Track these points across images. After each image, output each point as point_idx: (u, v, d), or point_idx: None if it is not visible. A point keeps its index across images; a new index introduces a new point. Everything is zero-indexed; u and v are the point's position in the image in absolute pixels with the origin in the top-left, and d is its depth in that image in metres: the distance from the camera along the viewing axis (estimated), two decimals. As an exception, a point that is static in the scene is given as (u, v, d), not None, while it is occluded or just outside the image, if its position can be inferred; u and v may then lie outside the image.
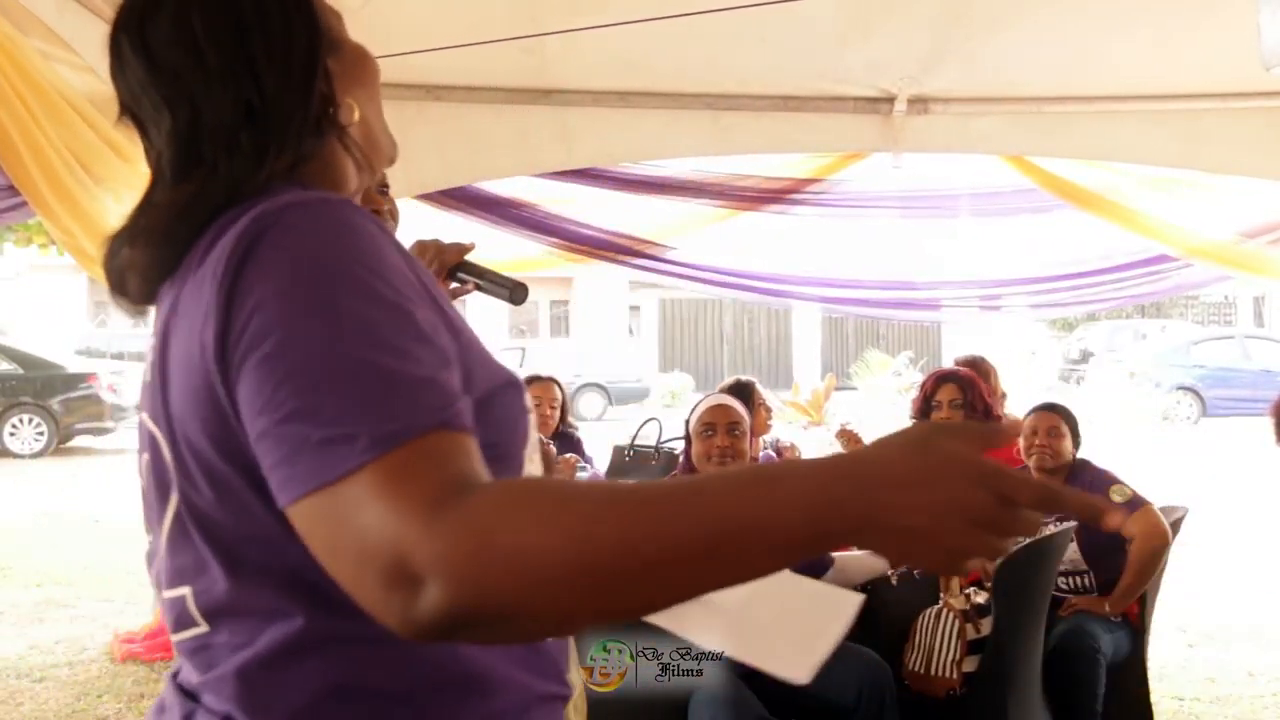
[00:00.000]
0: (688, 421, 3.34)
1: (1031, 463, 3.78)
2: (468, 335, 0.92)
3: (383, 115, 1.08)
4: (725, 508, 0.73)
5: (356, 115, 1.01)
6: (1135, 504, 3.58)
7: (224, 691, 0.90)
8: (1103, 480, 3.68)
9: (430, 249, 1.61)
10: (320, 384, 0.79)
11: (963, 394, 4.25)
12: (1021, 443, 3.86)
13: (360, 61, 1.05)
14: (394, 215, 1.91)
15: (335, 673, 0.87)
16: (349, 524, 0.76)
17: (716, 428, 3.14)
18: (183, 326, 0.89)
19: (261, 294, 0.83)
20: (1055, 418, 3.78)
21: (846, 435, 4.60)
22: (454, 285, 1.60)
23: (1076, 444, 3.80)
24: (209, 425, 0.86)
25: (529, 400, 1.00)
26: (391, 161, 1.10)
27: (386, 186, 1.75)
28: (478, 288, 1.62)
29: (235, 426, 0.84)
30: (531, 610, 0.74)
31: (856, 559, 3.18)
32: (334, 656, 0.86)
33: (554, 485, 0.82)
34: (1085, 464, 3.78)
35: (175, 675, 0.97)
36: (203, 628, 0.91)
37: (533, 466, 1.00)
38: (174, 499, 0.92)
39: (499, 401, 0.93)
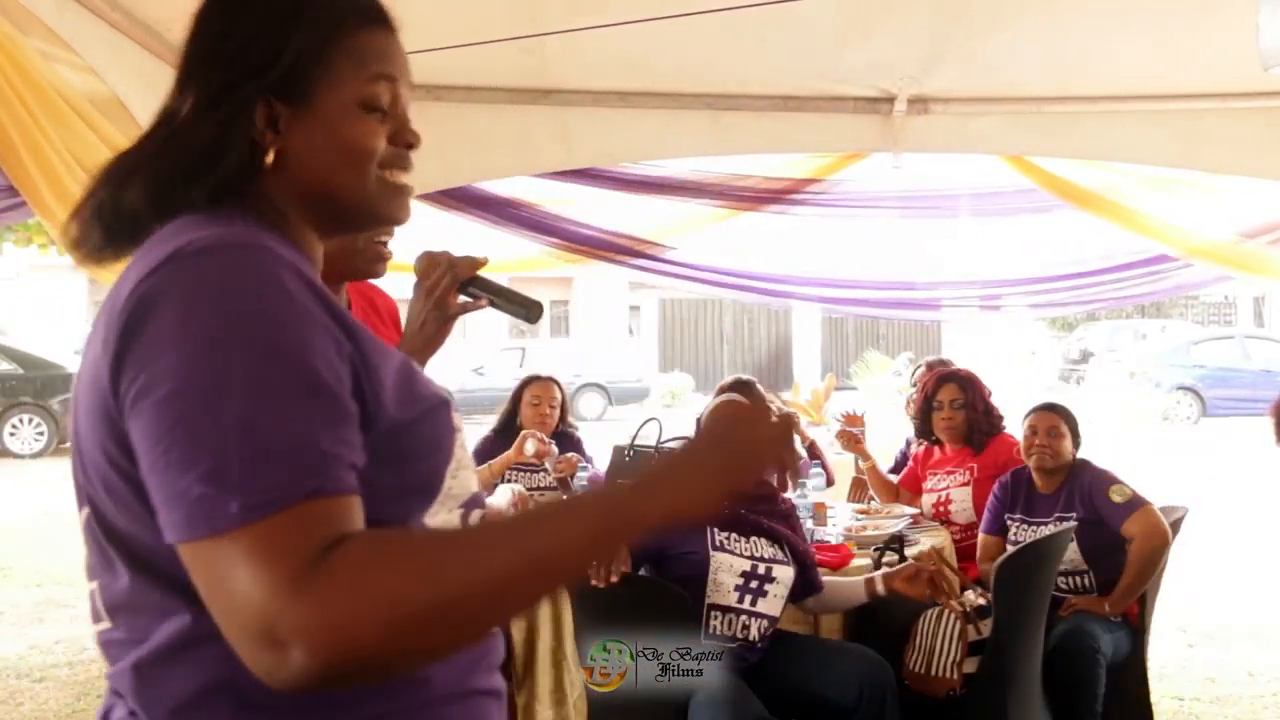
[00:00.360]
0: (699, 420, 3.37)
1: (1031, 462, 3.78)
2: (389, 367, 0.96)
3: (354, 170, 1.06)
4: (538, 536, 0.90)
5: (269, 158, 1.02)
6: (1135, 504, 3.58)
7: (123, 684, 0.95)
8: (1103, 480, 3.68)
9: (441, 262, 1.58)
10: (203, 440, 0.84)
11: (963, 393, 4.25)
12: (1021, 442, 3.85)
13: (340, 123, 1.04)
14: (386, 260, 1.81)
15: (220, 669, 0.91)
16: (220, 580, 0.83)
17: None
18: (95, 342, 0.94)
19: (157, 339, 0.87)
20: (1055, 418, 3.78)
21: (846, 435, 4.60)
22: (464, 300, 1.57)
23: (1076, 444, 3.79)
24: (106, 445, 0.91)
25: (458, 420, 1.04)
26: (379, 219, 1.11)
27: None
28: (491, 304, 1.58)
29: (129, 451, 0.89)
30: (398, 653, 0.84)
31: (838, 586, 3.22)
32: (218, 653, 0.88)
33: (400, 539, 0.90)
34: (1085, 464, 3.77)
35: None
36: (106, 623, 0.97)
37: (458, 482, 1.04)
38: (86, 501, 0.97)
39: (426, 422, 1.00)
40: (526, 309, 1.58)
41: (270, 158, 1.03)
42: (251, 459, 0.83)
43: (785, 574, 3.11)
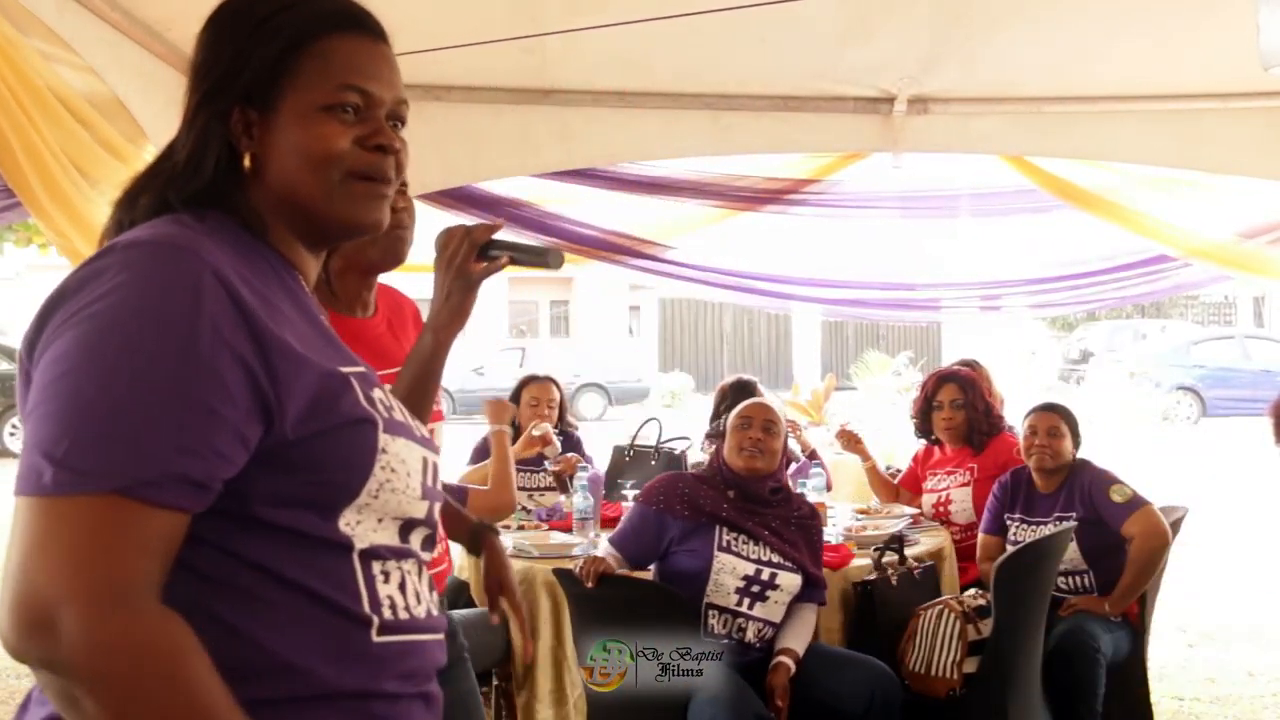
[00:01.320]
0: (724, 419, 3.40)
1: (1031, 462, 3.78)
2: (304, 378, 0.99)
3: (316, 172, 1.09)
4: None
5: (247, 163, 1.09)
6: (1135, 504, 3.58)
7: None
8: (1103, 480, 3.68)
9: (458, 233, 1.61)
10: (55, 410, 0.90)
11: (963, 394, 4.25)
12: (1021, 442, 3.85)
13: (301, 126, 1.07)
14: (409, 214, 1.90)
15: None
16: (17, 538, 0.89)
17: (753, 421, 3.22)
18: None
19: (65, 320, 0.93)
20: (1055, 418, 3.78)
21: (846, 435, 4.60)
22: (485, 264, 1.60)
23: (1077, 444, 3.79)
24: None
25: (384, 442, 1.05)
26: (347, 225, 1.13)
27: (404, 184, 1.77)
28: (513, 261, 1.61)
29: None
30: (105, 711, 0.88)
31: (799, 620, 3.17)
32: None
33: (194, 681, 0.90)
34: (1085, 464, 3.77)
35: None
36: None
37: (381, 502, 1.05)
38: None
39: (344, 435, 1.02)
40: (545, 257, 1.61)
41: (248, 162, 1.08)
42: (86, 438, 0.89)
43: (790, 581, 3.09)
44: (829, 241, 5.25)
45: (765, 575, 3.05)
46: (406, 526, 1.09)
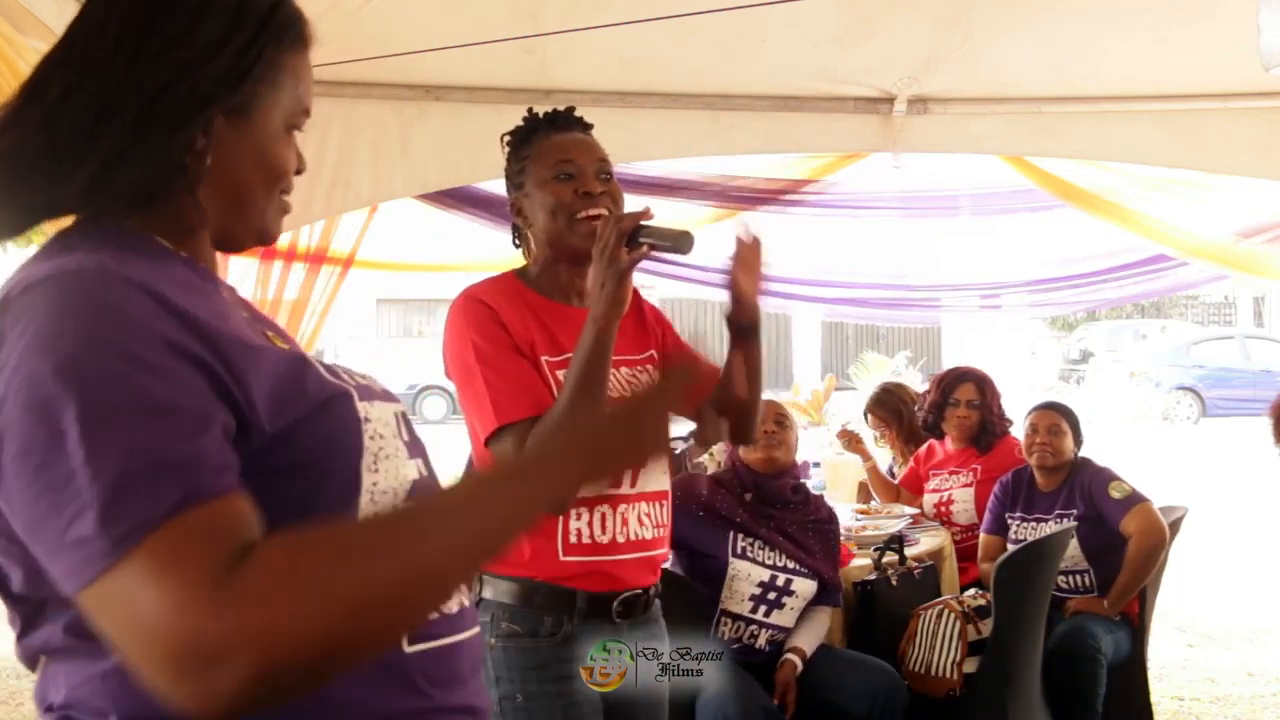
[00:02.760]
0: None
1: (1033, 460, 3.78)
2: (261, 371, 0.92)
3: (268, 188, 1.04)
4: (465, 512, 0.90)
5: (207, 164, 0.97)
6: (1133, 500, 3.59)
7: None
8: (1103, 477, 3.69)
9: (609, 222, 1.70)
10: (59, 484, 0.79)
11: (981, 394, 4.22)
12: (1023, 440, 3.86)
13: (268, 145, 1.02)
14: (611, 198, 1.91)
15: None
16: (121, 618, 0.78)
17: (765, 415, 3.24)
18: None
19: (8, 377, 0.83)
20: (1056, 416, 3.79)
21: (847, 435, 4.60)
22: (632, 252, 1.68)
23: (1078, 442, 3.80)
24: None
25: (364, 410, 1.00)
26: (262, 239, 1.07)
27: (609, 173, 1.90)
28: (653, 247, 1.69)
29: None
30: (337, 649, 0.80)
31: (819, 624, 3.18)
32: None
33: (319, 532, 0.84)
34: (1086, 462, 3.78)
35: None
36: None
37: (383, 475, 0.99)
38: None
39: (323, 416, 0.95)
40: (680, 242, 1.70)
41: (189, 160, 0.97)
42: (110, 490, 0.79)
43: (806, 587, 3.09)
44: (829, 241, 5.25)
45: (781, 581, 3.04)
46: (414, 494, 1.03)
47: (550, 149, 1.90)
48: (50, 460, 0.80)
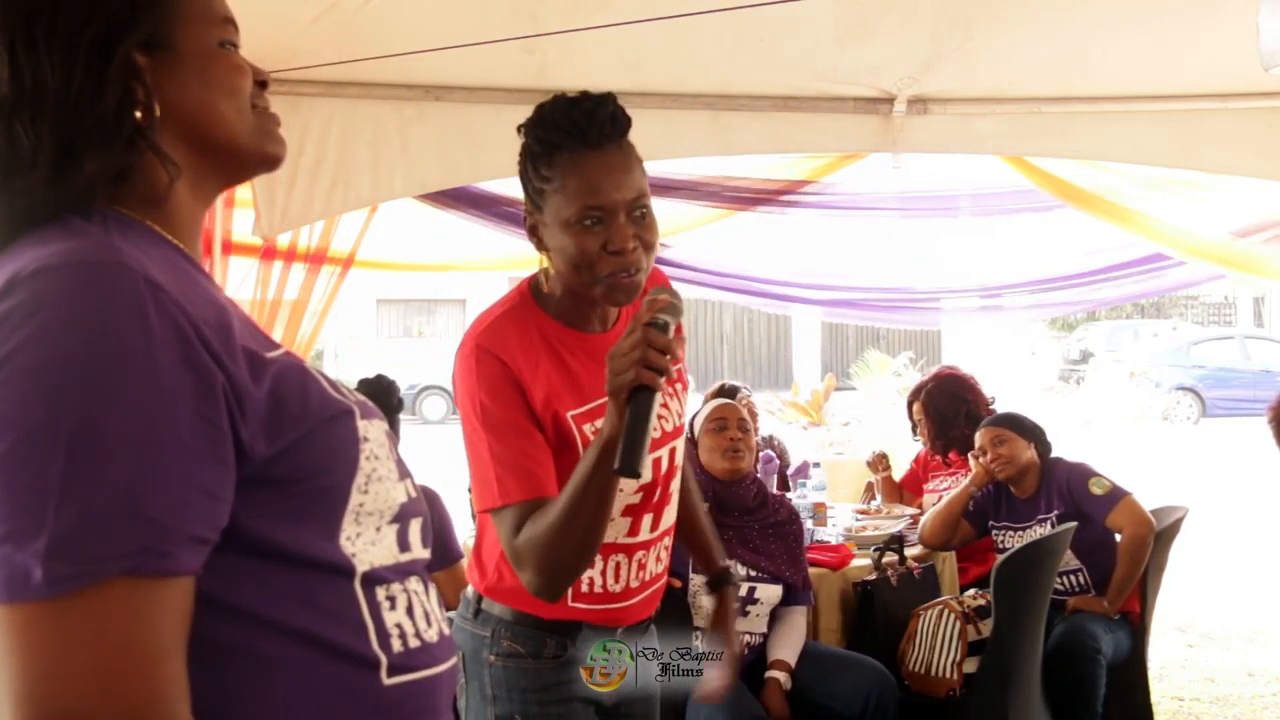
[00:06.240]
0: (692, 424, 3.36)
1: (998, 477, 3.76)
2: (262, 385, 0.89)
3: (234, 103, 1.00)
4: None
5: (157, 113, 0.93)
6: (1116, 495, 3.59)
7: None
8: (1080, 474, 3.67)
9: (638, 341, 1.48)
10: (20, 495, 0.76)
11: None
12: (981, 461, 3.78)
13: (207, 64, 0.98)
14: (639, 257, 1.74)
15: None
16: (8, 656, 0.76)
17: (729, 422, 3.26)
18: None
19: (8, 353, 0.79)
20: (996, 429, 3.78)
21: (880, 460, 4.56)
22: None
23: (1040, 443, 3.76)
24: None
25: (363, 429, 0.97)
26: (264, 158, 1.03)
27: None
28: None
29: None
30: None
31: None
32: None
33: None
34: (1058, 460, 3.77)
35: None
36: None
37: (371, 497, 0.97)
38: None
39: (324, 434, 0.93)
40: (676, 314, 1.52)
41: (138, 115, 0.93)
42: (71, 520, 0.75)
43: (769, 593, 3.09)
44: (828, 242, 5.26)
45: (743, 591, 3.03)
46: (399, 519, 1.00)
47: (577, 182, 1.71)
48: (26, 462, 0.77)
